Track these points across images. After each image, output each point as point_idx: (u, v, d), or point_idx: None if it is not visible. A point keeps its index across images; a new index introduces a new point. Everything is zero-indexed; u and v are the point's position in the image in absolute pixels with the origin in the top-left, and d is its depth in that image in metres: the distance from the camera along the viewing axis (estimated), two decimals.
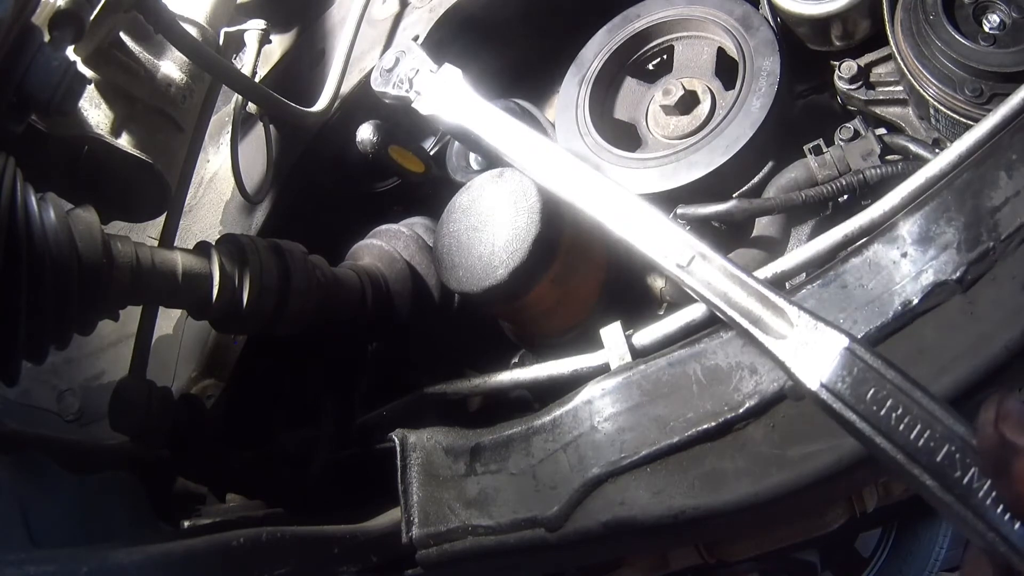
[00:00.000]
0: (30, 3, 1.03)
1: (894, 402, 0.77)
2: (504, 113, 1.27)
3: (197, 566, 0.93)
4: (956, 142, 1.00)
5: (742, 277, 0.96)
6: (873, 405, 0.78)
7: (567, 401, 1.10)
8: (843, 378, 0.81)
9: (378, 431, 1.38)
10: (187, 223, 1.76)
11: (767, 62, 1.39)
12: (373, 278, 1.40)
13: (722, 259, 0.99)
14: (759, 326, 0.91)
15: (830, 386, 0.82)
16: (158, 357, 1.51)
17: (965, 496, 0.69)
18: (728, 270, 0.97)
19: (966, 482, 0.70)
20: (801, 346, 0.86)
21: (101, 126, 1.27)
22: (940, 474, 0.72)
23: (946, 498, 0.71)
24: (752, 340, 0.91)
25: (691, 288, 0.99)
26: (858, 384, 0.80)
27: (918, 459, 0.74)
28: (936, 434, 0.74)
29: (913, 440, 0.75)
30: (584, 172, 1.16)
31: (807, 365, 0.84)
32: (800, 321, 0.88)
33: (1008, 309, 0.86)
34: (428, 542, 1.15)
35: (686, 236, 1.03)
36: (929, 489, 0.72)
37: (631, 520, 1.01)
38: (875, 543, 2.97)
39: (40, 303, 0.94)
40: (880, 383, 0.79)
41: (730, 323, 0.94)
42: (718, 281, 0.97)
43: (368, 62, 1.70)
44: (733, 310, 0.94)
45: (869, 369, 0.80)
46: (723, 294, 0.96)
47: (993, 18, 1.22)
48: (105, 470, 1.17)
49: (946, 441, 0.73)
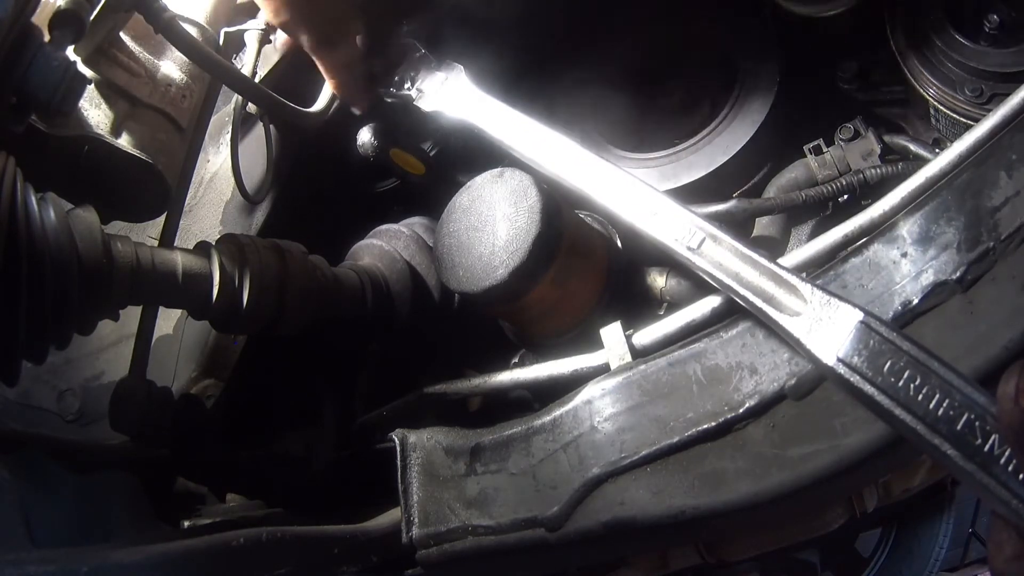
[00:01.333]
0: (30, 3, 1.03)
1: (912, 373, 0.77)
2: (507, 106, 1.28)
3: (197, 566, 0.93)
4: (956, 142, 1.00)
5: (753, 257, 0.96)
6: (891, 377, 0.78)
7: (567, 401, 1.10)
8: (859, 351, 0.81)
9: (378, 431, 1.38)
10: (187, 223, 1.76)
11: (767, 62, 1.39)
12: (373, 278, 1.40)
13: (732, 240, 0.99)
14: (772, 304, 0.91)
15: (847, 360, 0.82)
16: (158, 357, 1.51)
17: (986, 464, 0.70)
18: (739, 250, 0.97)
19: (987, 449, 0.70)
20: (815, 322, 0.86)
21: (101, 126, 1.27)
22: (961, 443, 0.72)
23: (968, 467, 0.71)
24: (766, 318, 0.91)
25: (702, 270, 0.99)
26: (875, 357, 0.80)
27: (938, 429, 0.74)
28: (955, 403, 0.74)
29: (932, 410, 0.75)
30: (591, 160, 1.16)
31: (822, 341, 0.84)
32: (813, 297, 0.88)
33: (1008, 309, 0.85)
34: (428, 542, 1.15)
35: (695, 218, 1.03)
36: (951, 459, 0.72)
37: (631, 520, 1.01)
38: (875, 543, 2.98)
39: (40, 303, 0.94)
40: (897, 355, 0.79)
41: (743, 303, 0.94)
42: (729, 262, 0.97)
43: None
44: (746, 289, 0.94)
45: (885, 341, 0.80)
46: (735, 274, 0.96)
47: (993, 18, 1.22)
48: (105, 470, 1.17)
49: (965, 410, 0.73)
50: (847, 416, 0.90)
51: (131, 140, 1.28)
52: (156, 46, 1.37)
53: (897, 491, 1.62)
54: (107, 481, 1.13)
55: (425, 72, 1.43)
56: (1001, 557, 0.68)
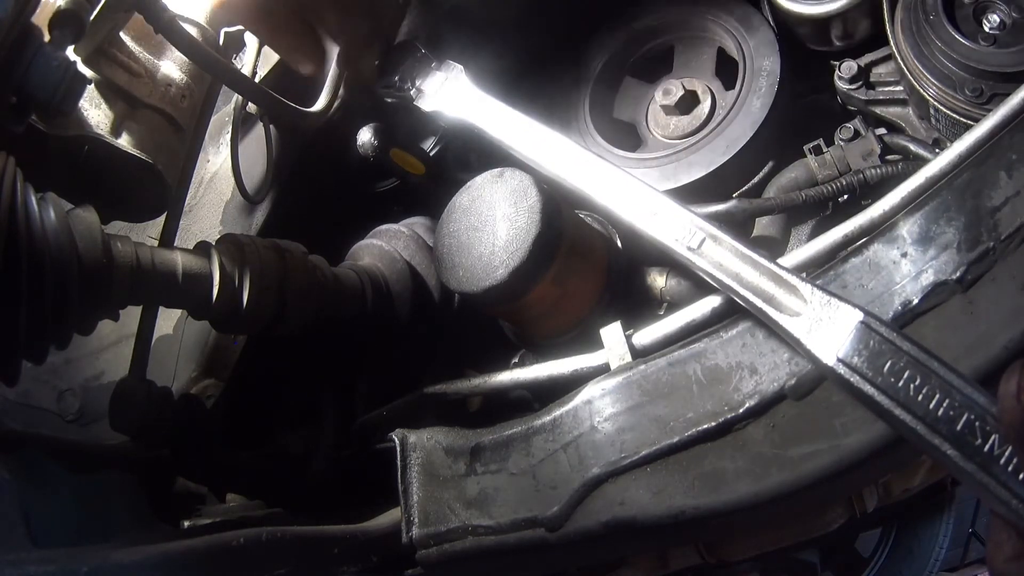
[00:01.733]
0: (30, 3, 1.03)
1: (911, 373, 0.78)
2: (507, 106, 1.28)
3: (197, 566, 0.93)
4: (956, 142, 1.00)
5: (753, 257, 0.96)
6: (891, 377, 0.78)
7: (567, 401, 1.10)
8: (859, 352, 0.82)
9: (378, 431, 1.38)
10: (187, 223, 1.76)
11: (767, 62, 1.39)
12: (373, 278, 1.40)
13: (732, 240, 0.99)
14: (773, 304, 0.91)
15: (847, 360, 0.82)
16: (158, 357, 1.51)
17: (986, 464, 0.70)
18: (739, 250, 0.98)
19: (987, 450, 0.70)
20: (815, 323, 0.86)
21: (101, 126, 1.26)
22: (961, 443, 0.72)
23: (967, 467, 0.71)
24: (766, 318, 0.91)
25: (703, 270, 0.99)
26: (875, 357, 0.80)
27: (938, 429, 0.74)
28: (955, 403, 0.74)
29: (932, 410, 0.75)
30: (591, 160, 1.16)
31: (822, 341, 0.84)
32: (813, 297, 0.88)
33: (1008, 309, 0.85)
34: (428, 542, 1.15)
35: (695, 219, 1.03)
36: (950, 459, 0.73)
37: (631, 520, 1.01)
38: (875, 543, 2.98)
39: (40, 303, 0.94)
40: (897, 355, 0.79)
41: (743, 303, 0.94)
42: (729, 262, 0.97)
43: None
44: (746, 290, 0.94)
45: (885, 342, 0.80)
46: (735, 274, 0.96)
47: (993, 18, 1.22)
48: (105, 470, 1.17)
49: (965, 410, 0.73)
50: (847, 416, 0.90)
51: (131, 140, 1.28)
52: (156, 46, 1.37)
53: (897, 491, 1.62)
54: (107, 481, 1.13)
55: (425, 72, 1.43)
56: (1001, 557, 0.68)
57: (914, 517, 2.91)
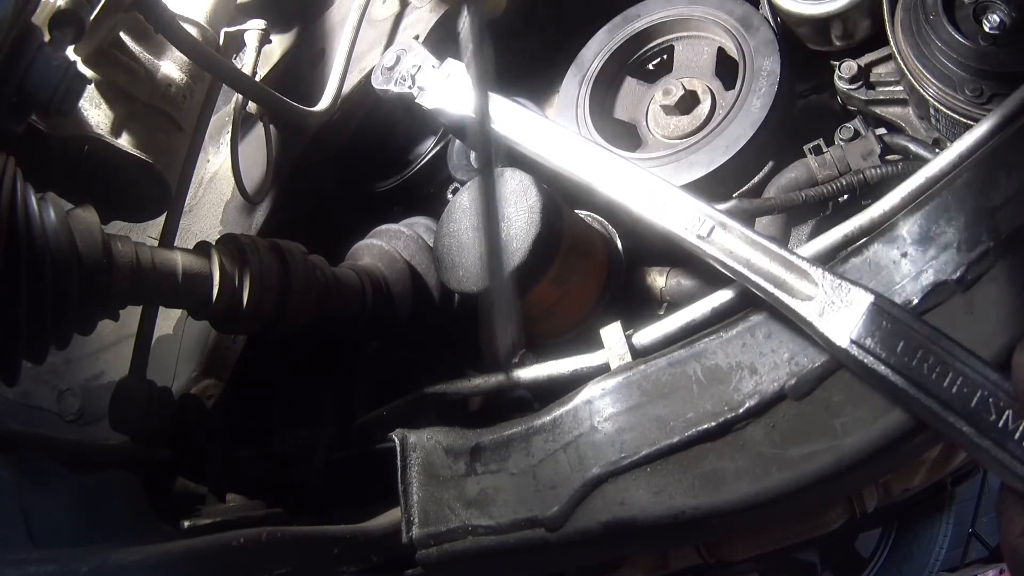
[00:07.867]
0: (30, 3, 1.03)
1: (924, 352, 0.78)
2: (509, 101, 1.27)
3: (197, 566, 0.93)
4: (956, 142, 1.00)
5: (763, 243, 0.96)
6: (904, 357, 0.79)
7: (567, 401, 1.10)
8: (872, 333, 0.82)
9: (378, 431, 1.38)
10: (187, 223, 1.76)
11: (767, 62, 1.39)
12: (373, 278, 1.40)
13: (742, 227, 0.99)
14: (784, 289, 0.91)
15: (860, 342, 0.82)
16: (158, 357, 1.51)
17: (1001, 440, 0.70)
18: (749, 237, 0.98)
19: (1001, 425, 0.70)
20: (827, 306, 0.86)
21: (101, 126, 1.27)
22: (976, 419, 0.72)
23: (983, 443, 0.71)
24: (778, 303, 0.91)
25: (713, 258, 0.99)
26: (888, 338, 0.81)
27: (953, 406, 0.74)
28: (969, 380, 0.75)
29: (947, 388, 0.75)
30: (596, 152, 1.16)
31: (835, 324, 0.85)
32: (824, 282, 0.88)
33: (1008, 309, 0.85)
34: (428, 542, 1.15)
35: (704, 207, 1.03)
36: (966, 436, 0.73)
37: (631, 520, 1.01)
38: (875, 543, 2.98)
39: (40, 303, 0.94)
40: (909, 335, 0.79)
41: (754, 289, 0.94)
42: (739, 249, 0.98)
43: (368, 62, 1.70)
44: (757, 276, 0.94)
45: (897, 322, 0.81)
46: (745, 261, 0.96)
47: (993, 18, 1.22)
48: (105, 470, 1.17)
49: (979, 387, 0.74)
50: (847, 416, 0.90)
51: (131, 140, 1.28)
52: (156, 46, 1.37)
53: (897, 491, 1.62)
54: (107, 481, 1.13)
55: (426, 69, 1.43)
56: (1014, 532, 0.68)
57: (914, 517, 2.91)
